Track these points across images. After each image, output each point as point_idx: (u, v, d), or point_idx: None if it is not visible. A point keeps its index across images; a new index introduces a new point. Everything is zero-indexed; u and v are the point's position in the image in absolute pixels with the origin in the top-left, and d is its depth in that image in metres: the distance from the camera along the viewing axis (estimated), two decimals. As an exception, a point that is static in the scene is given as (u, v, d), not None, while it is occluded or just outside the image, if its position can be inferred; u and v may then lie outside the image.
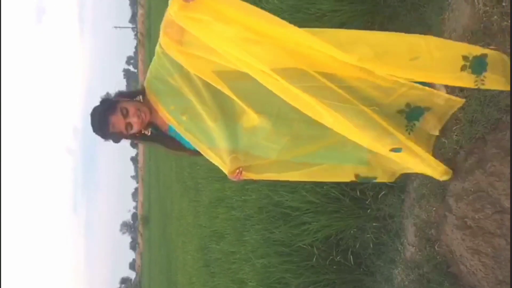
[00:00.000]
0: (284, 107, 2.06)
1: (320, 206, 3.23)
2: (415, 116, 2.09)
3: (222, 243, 6.06)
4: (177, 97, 2.18)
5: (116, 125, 2.16)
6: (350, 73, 1.99)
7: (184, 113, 2.19)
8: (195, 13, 1.90)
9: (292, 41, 1.95)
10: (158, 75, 2.20)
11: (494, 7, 2.16)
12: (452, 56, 1.95)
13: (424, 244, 2.56)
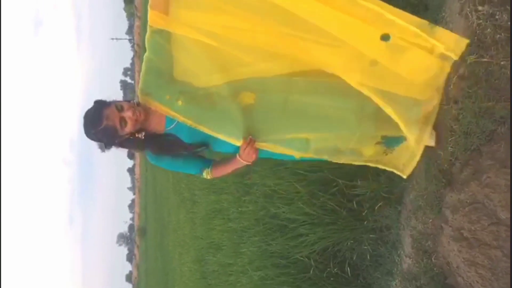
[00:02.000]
0: (276, 83, 2.18)
1: (316, 218, 3.23)
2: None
3: (219, 254, 6.04)
4: (170, 83, 2.21)
5: (110, 117, 2.09)
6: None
7: (178, 98, 2.19)
8: None
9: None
10: (149, 70, 2.18)
11: (487, 20, 2.18)
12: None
13: (421, 256, 2.55)
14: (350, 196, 3.09)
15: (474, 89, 2.25)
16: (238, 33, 2.10)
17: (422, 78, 2.12)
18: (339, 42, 2.04)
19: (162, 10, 2.08)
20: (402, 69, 2.07)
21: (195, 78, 2.21)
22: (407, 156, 2.24)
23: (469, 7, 2.26)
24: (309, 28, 2.03)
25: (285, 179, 3.69)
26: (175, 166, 2.36)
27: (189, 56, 2.19)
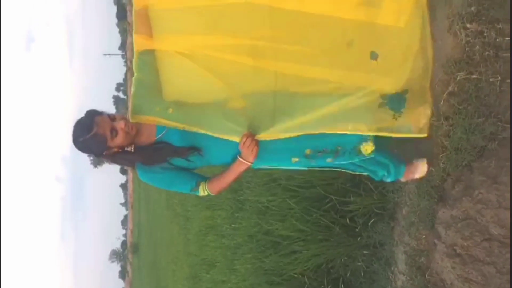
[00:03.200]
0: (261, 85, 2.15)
1: (310, 235, 3.21)
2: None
3: (213, 271, 5.99)
4: (160, 98, 2.20)
5: (102, 125, 2.05)
6: None
7: (168, 107, 2.16)
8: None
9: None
10: (138, 91, 2.17)
11: (476, 38, 2.22)
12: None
13: (415, 273, 2.55)
14: (343, 212, 3.09)
15: (464, 105, 2.27)
16: (220, 51, 2.13)
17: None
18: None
19: (146, 33, 2.14)
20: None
21: (185, 94, 2.21)
22: (418, 111, 2.07)
23: (457, 24, 2.29)
24: (291, 34, 2.11)
25: (278, 195, 3.68)
26: (167, 181, 2.23)
27: (176, 73, 2.20)
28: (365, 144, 2.17)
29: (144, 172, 2.21)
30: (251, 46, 2.13)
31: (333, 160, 2.20)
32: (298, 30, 2.14)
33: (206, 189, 2.20)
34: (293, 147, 2.18)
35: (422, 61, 2.06)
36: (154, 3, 2.15)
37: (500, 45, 2.13)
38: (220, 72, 2.14)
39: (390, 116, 2.03)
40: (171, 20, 2.17)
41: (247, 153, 2.07)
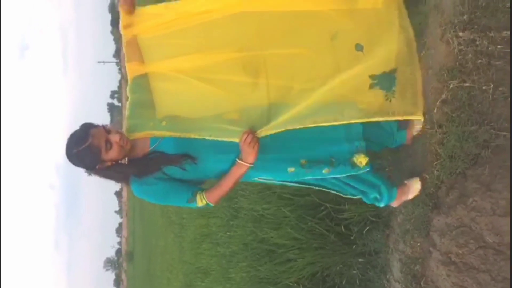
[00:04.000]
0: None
1: (305, 243, 3.21)
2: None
3: (208, 280, 5.96)
4: (153, 112, 2.23)
5: (97, 136, 2.02)
6: None
7: (162, 121, 2.19)
8: (139, 23, 2.23)
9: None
10: (133, 111, 2.24)
11: (468, 46, 2.23)
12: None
13: (410, 280, 2.54)
14: (338, 220, 3.09)
15: (457, 113, 2.28)
16: (209, 70, 2.18)
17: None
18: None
19: (137, 60, 2.26)
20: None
21: (178, 111, 2.23)
22: (411, 92, 2.09)
23: (450, 33, 2.30)
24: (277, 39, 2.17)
25: (272, 203, 3.67)
26: (162, 192, 2.16)
27: (169, 91, 2.24)
28: (358, 156, 2.17)
29: (138, 185, 2.15)
30: (240, 58, 2.17)
31: (330, 171, 2.19)
32: (283, 32, 2.18)
33: (204, 198, 2.12)
34: (288, 157, 2.18)
35: (404, 39, 2.11)
36: (141, 32, 2.26)
37: (492, 53, 2.14)
38: (211, 90, 2.17)
39: (382, 97, 2.04)
40: (159, 46, 2.26)
41: (248, 150, 2.02)
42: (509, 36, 2.09)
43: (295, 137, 2.14)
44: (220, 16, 2.17)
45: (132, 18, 2.25)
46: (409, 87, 2.08)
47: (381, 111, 2.03)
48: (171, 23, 2.21)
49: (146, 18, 2.25)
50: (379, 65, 2.05)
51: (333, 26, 2.17)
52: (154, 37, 2.24)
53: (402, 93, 2.06)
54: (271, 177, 2.29)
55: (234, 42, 2.19)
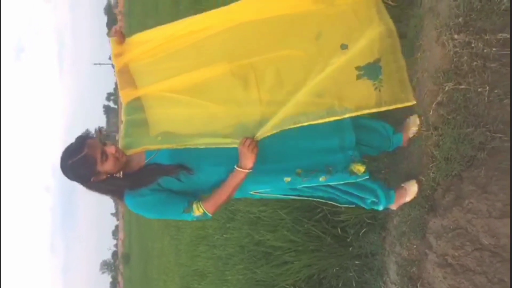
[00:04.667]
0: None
1: (301, 245, 3.20)
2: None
3: (204, 282, 5.94)
4: (147, 131, 2.27)
5: (92, 147, 2.01)
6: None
7: (157, 136, 2.20)
8: (128, 51, 2.34)
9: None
10: (128, 130, 2.30)
11: (464, 48, 2.23)
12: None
13: (406, 283, 2.54)
14: (334, 223, 3.08)
15: (453, 115, 2.28)
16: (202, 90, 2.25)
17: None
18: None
19: (130, 86, 2.36)
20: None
21: (172, 128, 2.28)
22: (397, 79, 2.11)
23: (445, 35, 2.31)
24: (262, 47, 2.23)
25: (269, 206, 3.66)
26: (157, 204, 2.10)
27: (162, 112, 2.30)
28: (355, 165, 2.18)
29: (132, 198, 2.10)
30: (229, 70, 2.22)
31: (327, 179, 2.19)
32: (269, 37, 2.24)
33: (201, 206, 2.06)
34: (284, 167, 2.17)
35: (385, 31, 2.12)
36: (132, 59, 2.36)
37: (487, 55, 2.15)
38: (204, 107, 2.22)
39: (371, 87, 2.05)
40: (150, 72, 2.35)
41: (248, 154, 2.00)
42: (504, 38, 2.10)
43: (290, 147, 2.17)
44: (206, 36, 2.27)
45: (122, 47, 2.36)
46: (395, 74, 2.10)
47: (374, 102, 2.04)
48: (160, 48, 2.31)
49: (136, 46, 2.35)
50: (363, 57, 2.07)
51: (316, 26, 2.22)
52: (145, 64, 2.34)
53: (389, 81, 2.08)
54: (268, 188, 2.26)
55: (222, 56, 2.25)
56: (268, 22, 2.24)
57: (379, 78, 2.06)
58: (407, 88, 2.09)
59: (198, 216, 2.07)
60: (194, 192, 2.13)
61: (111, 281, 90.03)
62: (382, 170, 2.91)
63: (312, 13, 2.23)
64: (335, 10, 2.21)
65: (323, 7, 2.22)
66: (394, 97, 2.05)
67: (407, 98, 2.05)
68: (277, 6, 2.23)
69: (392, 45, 2.13)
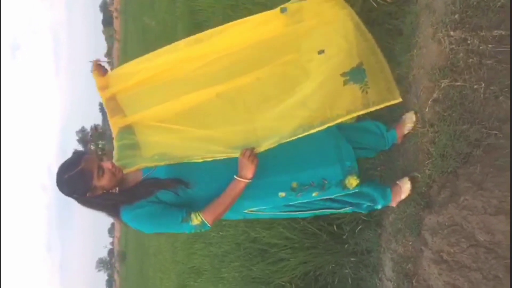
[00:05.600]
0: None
1: (297, 242, 3.20)
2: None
3: (200, 280, 5.93)
4: (140, 153, 2.32)
5: (89, 161, 2.01)
6: None
7: (154, 154, 2.23)
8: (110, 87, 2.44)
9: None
10: (121, 152, 2.34)
11: (460, 45, 2.23)
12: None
13: (402, 279, 2.54)
14: (330, 220, 3.08)
15: (448, 112, 2.28)
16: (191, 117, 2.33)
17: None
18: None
19: (120, 114, 2.44)
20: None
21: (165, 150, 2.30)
22: (382, 79, 2.21)
23: (441, 32, 2.31)
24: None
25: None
26: (154, 215, 2.05)
27: (153, 139, 2.34)
28: (350, 177, 2.20)
29: (129, 212, 2.07)
30: (214, 96, 2.34)
31: (319, 194, 2.20)
32: (252, 60, 2.37)
33: (200, 215, 2.03)
34: (280, 180, 2.17)
35: (361, 35, 2.27)
36: (119, 92, 2.46)
37: (483, 52, 2.15)
38: (196, 135, 2.28)
39: (359, 90, 2.14)
40: (138, 101, 2.42)
41: (248, 165, 2.02)
42: (500, 35, 2.11)
43: (285, 160, 2.17)
44: (192, 69, 2.41)
45: (106, 80, 2.46)
46: (379, 74, 2.20)
47: (362, 104, 2.11)
48: (146, 81, 2.42)
49: (122, 79, 2.44)
50: (345, 63, 2.17)
51: (294, 41, 2.37)
52: (133, 94, 2.44)
53: (375, 82, 2.16)
54: (262, 205, 2.26)
55: (207, 83, 2.36)
56: (248, 48, 2.39)
57: (364, 81, 2.14)
58: (393, 86, 2.19)
59: (196, 226, 2.04)
60: (191, 205, 2.11)
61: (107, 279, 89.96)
62: (378, 167, 2.91)
63: (287, 33, 2.37)
64: (307, 25, 2.35)
65: (296, 26, 2.36)
66: (381, 97, 2.14)
67: (393, 97, 2.15)
68: (254, 35, 2.38)
69: (370, 47, 2.25)
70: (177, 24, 7.91)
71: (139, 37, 17.64)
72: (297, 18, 2.37)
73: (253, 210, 2.26)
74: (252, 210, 2.26)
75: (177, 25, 7.91)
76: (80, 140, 71.95)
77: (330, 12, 2.34)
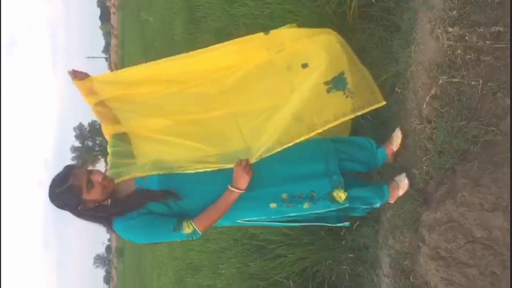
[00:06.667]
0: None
1: (295, 239, 3.20)
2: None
3: (198, 276, 5.93)
4: (134, 161, 2.35)
5: (78, 176, 2.04)
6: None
7: (146, 163, 2.26)
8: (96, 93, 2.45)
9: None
10: (115, 161, 2.37)
11: (457, 42, 2.23)
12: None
13: (399, 275, 2.55)
14: (328, 216, 3.08)
15: (446, 108, 2.28)
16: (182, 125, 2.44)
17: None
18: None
19: (112, 120, 2.47)
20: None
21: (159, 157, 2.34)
22: (364, 85, 2.35)
23: (439, 28, 2.30)
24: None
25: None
26: (146, 225, 2.09)
27: (147, 146, 2.41)
28: (337, 191, 2.24)
29: (121, 223, 2.11)
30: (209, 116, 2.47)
31: (310, 206, 2.23)
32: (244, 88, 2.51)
33: (192, 224, 2.07)
34: (271, 192, 2.21)
35: (340, 47, 2.37)
36: (109, 100, 2.46)
37: (481, 48, 2.15)
38: (188, 144, 2.36)
39: (343, 96, 2.26)
40: (131, 110, 2.47)
41: (243, 175, 2.07)
42: (498, 31, 2.11)
43: (276, 172, 2.23)
44: (185, 88, 2.52)
45: (90, 84, 2.44)
46: (361, 81, 2.34)
47: (348, 109, 2.23)
48: (141, 93, 2.49)
49: (113, 87, 2.46)
50: (327, 73, 2.28)
51: (283, 63, 2.48)
52: (127, 103, 2.48)
53: (357, 88, 2.29)
54: (254, 216, 2.28)
55: (198, 103, 2.50)
56: (237, 77, 2.52)
57: (347, 88, 2.27)
58: (376, 91, 2.34)
59: (188, 234, 2.08)
60: (183, 216, 2.14)
61: (105, 275, 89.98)
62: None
63: (273, 61, 2.50)
64: (289, 51, 2.47)
65: (281, 53, 2.48)
66: (365, 101, 2.27)
67: (377, 100, 2.29)
68: (241, 63, 2.52)
69: (350, 59, 2.38)
70: (175, 20, 7.88)
71: (137, 33, 17.58)
72: (279, 46, 2.48)
73: (245, 219, 2.29)
74: (245, 220, 2.29)
75: (175, 21, 7.87)
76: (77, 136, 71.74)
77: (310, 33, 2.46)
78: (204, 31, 5.51)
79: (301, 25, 2.71)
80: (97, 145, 68.86)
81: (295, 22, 2.81)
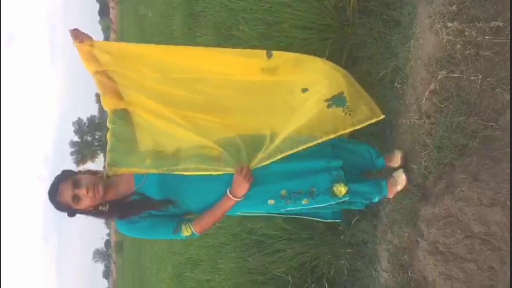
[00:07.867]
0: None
1: (293, 233, 3.21)
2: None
3: (197, 270, 5.94)
4: (136, 150, 2.32)
5: (63, 194, 2.09)
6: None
7: (146, 158, 2.25)
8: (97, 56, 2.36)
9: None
10: (114, 145, 2.32)
11: (457, 37, 2.23)
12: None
13: (397, 270, 2.56)
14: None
15: (445, 104, 2.28)
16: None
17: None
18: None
19: (113, 92, 2.37)
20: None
21: (159, 142, 2.32)
22: (363, 103, 2.35)
23: (439, 23, 2.30)
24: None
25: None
26: (146, 228, 2.19)
27: (148, 126, 2.36)
28: (337, 185, 2.25)
29: (123, 225, 2.21)
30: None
31: (309, 202, 2.25)
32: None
33: (190, 227, 2.16)
34: (269, 189, 2.23)
35: (338, 72, 2.40)
36: (113, 71, 2.38)
37: (480, 43, 2.15)
38: (187, 126, 2.31)
39: (342, 112, 2.26)
40: (135, 87, 2.39)
41: (243, 183, 2.08)
42: (497, 26, 2.10)
43: (275, 169, 2.21)
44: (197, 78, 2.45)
45: (89, 49, 2.35)
46: (360, 100, 2.34)
47: (347, 123, 2.23)
48: (149, 69, 2.40)
49: (116, 59, 2.36)
50: (328, 92, 2.30)
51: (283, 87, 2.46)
52: (133, 79, 2.39)
53: (356, 105, 2.30)
54: (252, 211, 2.35)
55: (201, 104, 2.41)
56: (236, 89, 2.47)
57: (346, 105, 2.28)
58: (375, 107, 2.34)
59: (186, 236, 2.18)
60: (181, 217, 2.23)
61: (104, 270, 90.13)
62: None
63: (268, 81, 2.47)
64: (284, 78, 2.46)
65: (276, 78, 2.46)
66: (364, 116, 2.28)
67: (376, 115, 2.29)
68: (240, 73, 2.46)
69: (348, 81, 2.39)
70: (174, 14, 7.85)
71: (136, 27, 17.52)
72: (274, 70, 2.46)
73: (245, 212, 2.37)
74: (244, 212, 2.37)
75: (174, 15, 7.85)
76: (76, 131, 71.70)
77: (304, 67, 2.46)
78: (203, 26, 5.48)
79: (300, 19, 2.70)
80: (96, 140, 68.80)
81: (294, 16, 2.79)
